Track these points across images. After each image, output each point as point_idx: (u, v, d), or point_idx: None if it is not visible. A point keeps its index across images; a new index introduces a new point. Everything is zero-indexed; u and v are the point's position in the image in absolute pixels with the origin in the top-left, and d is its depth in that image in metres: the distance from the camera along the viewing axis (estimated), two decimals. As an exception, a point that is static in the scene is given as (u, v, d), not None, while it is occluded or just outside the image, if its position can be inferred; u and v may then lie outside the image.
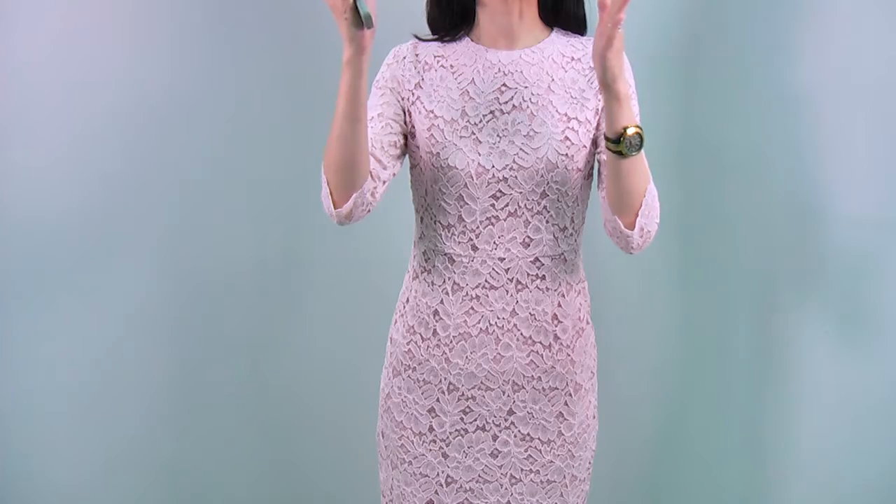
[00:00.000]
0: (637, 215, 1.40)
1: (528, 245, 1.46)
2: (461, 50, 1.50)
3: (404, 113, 1.49)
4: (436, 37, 1.52)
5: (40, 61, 2.03)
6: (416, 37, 1.54)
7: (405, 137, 1.51)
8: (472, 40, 1.51)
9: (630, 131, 1.31)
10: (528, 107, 1.45)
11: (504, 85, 1.46)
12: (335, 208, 1.42)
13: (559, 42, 1.50)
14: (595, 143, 1.48)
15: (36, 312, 2.12)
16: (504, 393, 1.50)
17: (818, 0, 2.05)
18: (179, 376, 2.21)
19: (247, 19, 2.11)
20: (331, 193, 1.42)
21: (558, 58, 1.49)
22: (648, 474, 2.29)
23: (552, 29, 1.52)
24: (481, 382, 1.50)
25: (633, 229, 1.41)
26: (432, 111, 1.47)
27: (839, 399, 2.15)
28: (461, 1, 1.49)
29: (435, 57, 1.50)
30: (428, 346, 1.52)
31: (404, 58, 1.51)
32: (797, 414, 2.18)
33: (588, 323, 1.57)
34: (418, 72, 1.50)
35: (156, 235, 2.14)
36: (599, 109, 1.47)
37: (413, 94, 1.49)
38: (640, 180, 1.38)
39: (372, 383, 1.66)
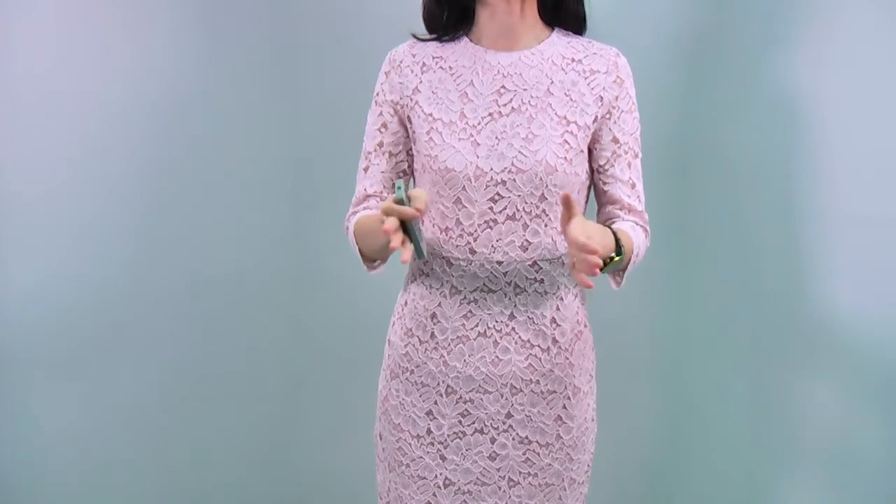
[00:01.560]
0: (623, 276, 1.48)
1: (527, 249, 1.45)
2: (460, 51, 1.49)
3: (404, 124, 1.49)
4: (434, 36, 1.51)
5: (40, 66, 2.04)
6: (415, 36, 1.53)
7: (410, 149, 1.52)
8: (471, 41, 1.50)
9: (615, 258, 1.38)
10: (526, 109, 1.44)
11: (503, 87, 1.45)
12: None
13: (560, 43, 1.49)
14: (591, 151, 1.49)
15: (36, 310, 2.12)
16: (502, 396, 1.49)
17: (820, 0, 2.05)
18: (179, 377, 2.22)
19: (251, 22, 2.11)
20: (362, 258, 1.54)
21: (558, 59, 1.48)
22: (647, 477, 2.29)
23: (553, 29, 1.51)
24: (479, 385, 1.49)
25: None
26: (431, 114, 1.46)
27: (840, 399, 2.14)
28: (462, 1, 1.48)
29: (433, 58, 1.49)
30: (426, 349, 1.51)
31: (401, 62, 1.50)
32: (797, 415, 2.17)
33: (586, 326, 1.56)
34: (416, 75, 1.49)
35: (157, 234, 2.15)
36: (599, 117, 1.47)
37: (412, 99, 1.48)
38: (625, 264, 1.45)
39: (370, 385, 1.66)
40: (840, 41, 2.04)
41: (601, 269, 1.34)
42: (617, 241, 1.38)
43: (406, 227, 1.26)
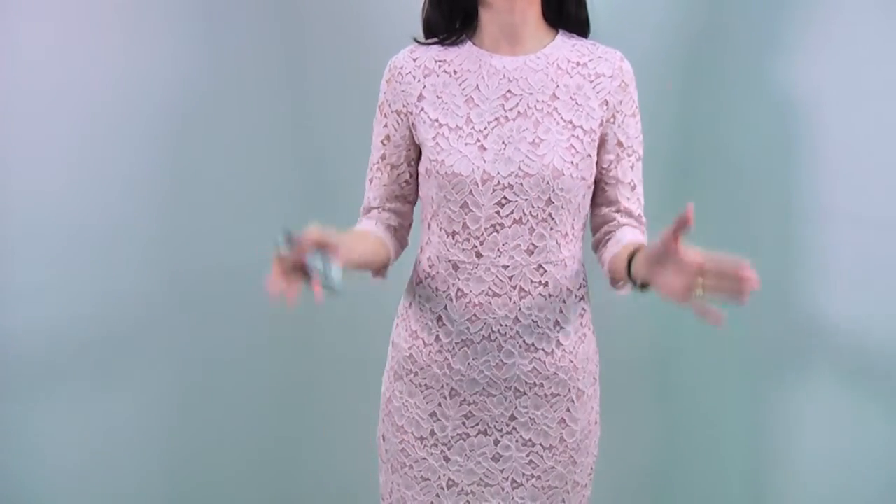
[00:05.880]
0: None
1: (533, 252, 1.45)
2: (464, 54, 1.48)
3: (409, 131, 1.49)
4: (436, 40, 1.51)
5: (39, 65, 2.03)
6: (416, 40, 1.52)
7: (416, 158, 1.52)
8: (474, 44, 1.49)
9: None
10: (533, 114, 1.44)
11: (509, 91, 1.45)
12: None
13: (564, 47, 1.49)
14: (596, 161, 1.49)
15: (36, 308, 2.12)
16: (506, 398, 1.50)
17: (819, 0, 2.05)
18: (181, 378, 2.21)
19: (257, 21, 2.10)
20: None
21: (564, 63, 1.47)
22: (651, 480, 2.30)
23: (557, 31, 1.51)
24: (483, 388, 1.50)
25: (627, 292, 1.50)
26: (437, 120, 1.46)
27: (840, 400, 2.15)
28: (463, 2, 1.48)
29: (436, 62, 1.49)
30: (430, 352, 1.51)
31: (401, 69, 1.50)
32: (800, 419, 2.18)
33: (590, 329, 1.56)
34: (418, 81, 1.48)
35: (160, 235, 2.14)
36: (604, 121, 1.47)
37: (417, 106, 1.47)
38: None
39: (373, 387, 1.66)
40: (840, 41, 2.04)
41: (641, 289, 1.38)
42: None
43: (309, 266, 1.21)
